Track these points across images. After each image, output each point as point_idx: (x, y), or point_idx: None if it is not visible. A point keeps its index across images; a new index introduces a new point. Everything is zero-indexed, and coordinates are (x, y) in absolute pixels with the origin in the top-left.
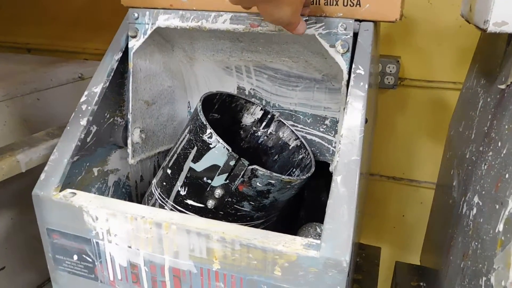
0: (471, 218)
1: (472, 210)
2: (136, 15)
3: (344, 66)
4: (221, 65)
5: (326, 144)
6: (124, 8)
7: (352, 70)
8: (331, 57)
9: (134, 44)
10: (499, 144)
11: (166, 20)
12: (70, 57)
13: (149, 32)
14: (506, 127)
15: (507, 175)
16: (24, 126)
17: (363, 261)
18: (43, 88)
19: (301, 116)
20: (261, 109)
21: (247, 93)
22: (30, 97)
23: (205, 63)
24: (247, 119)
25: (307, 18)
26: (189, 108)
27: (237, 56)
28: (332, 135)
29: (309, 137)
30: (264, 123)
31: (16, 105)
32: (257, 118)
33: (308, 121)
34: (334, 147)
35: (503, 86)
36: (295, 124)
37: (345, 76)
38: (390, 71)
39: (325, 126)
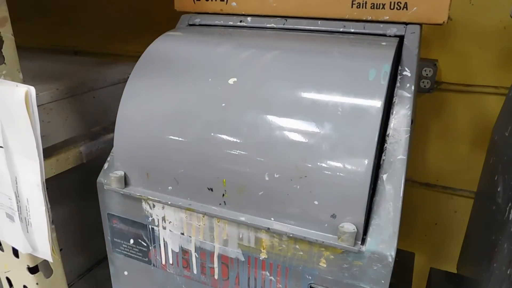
0: None
1: None
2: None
3: None
4: None
5: None
6: (161, 11)
7: (399, 71)
8: None
9: None
10: None
11: None
12: (113, 59)
13: None
14: None
15: None
16: (82, 122)
17: (397, 265)
18: (98, 87)
19: None
20: None
21: None
22: (87, 95)
23: None
24: None
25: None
26: None
27: None
28: None
29: None
30: None
31: (75, 102)
32: None
33: None
34: None
35: None
36: None
37: None
38: (427, 74)
39: None
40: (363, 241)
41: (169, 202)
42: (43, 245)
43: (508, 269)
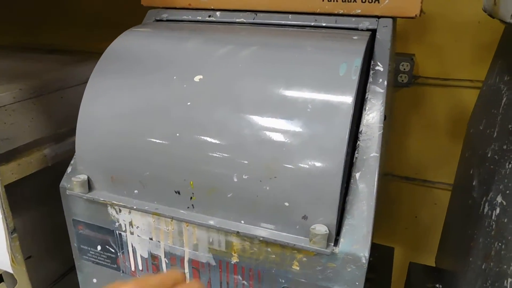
0: (494, 218)
1: (494, 210)
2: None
3: None
4: None
5: None
6: (140, 8)
7: (371, 66)
8: None
9: None
10: None
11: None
12: (89, 57)
13: None
14: None
15: None
16: (49, 123)
17: (376, 261)
18: (66, 86)
19: None
20: None
21: None
22: (54, 95)
23: None
24: None
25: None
26: None
27: None
28: None
29: None
30: None
31: (42, 103)
32: None
33: None
34: None
35: None
36: None
37: None
38: (404, 69)
39: None
40: (336, 242)
41: (135, 207)
42: (2, 255)
43: (484, 264)
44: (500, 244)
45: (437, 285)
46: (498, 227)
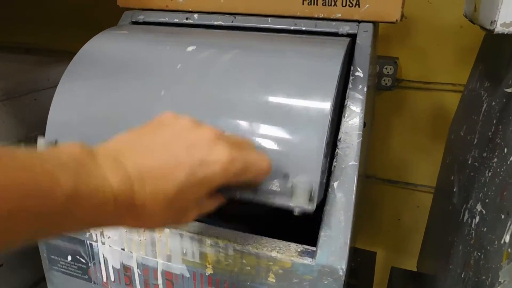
0: (473, 226)
1: (474, 218)
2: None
3: None
4: None
5: None
6: (118, 8)
7: (351, 72)
8: None
9: None
10: (505, 150)
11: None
12: (65, 57)
13: None
14: None
15: None
16: (21, 126)
17: (358, 266)
18: (39, 88)
19: None
20: None
21: None
22: (27, 97)
23: None
24: None
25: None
26: None
27: None
28: None
29: None
30: None
31: (13, 105)
32: None
33: None
34: None
35: (510, 90)
36: None
37: None
38: (388, 72)
39: None
40: (313, 255)
41: None
42: None
43: (463, 273)
44: (479, 253)
45: None
46: (477, 236)
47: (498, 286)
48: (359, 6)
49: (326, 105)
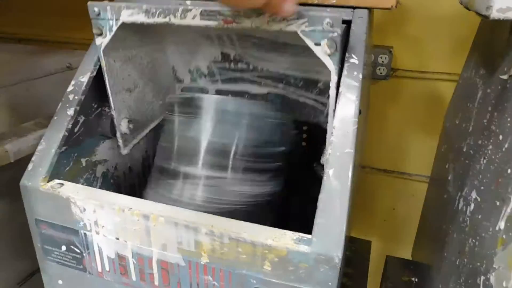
0: (468, 214)
1: (469, 206)
2: (97, 10)
3: (332, 67)
4: (201, 33)
5: (319, 107)
6: None
7: (346, 59)
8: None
9: (101, 41)
10: (500, 137)
11: (130, 15)
12: (60, 47)
13: (114, 28)
14: (509, 119)
15: (509, 170)
16: (13, 116)
17: (353, 255)
18: (31, 78)
19: (292, 80)
20: None
21: (232, 58)
22: (18, 87)
23: (184, 34)
24: None
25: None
26: (174, 72)
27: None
28: (325, 97)
29: (301, 99)
30: None
31: (4, 95)
32: None
33: (300, 84)
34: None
35: (505, 77)
36: (287, 87)
37: (334, 78)
38: (383, 61)
39: (317, 90)
40: (309, 242)
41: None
42: None
43: (458, 260)
44: (474, 240)
45: (413, 279)
46: (472, 224)
47: (492, 272)
48: None
49: None
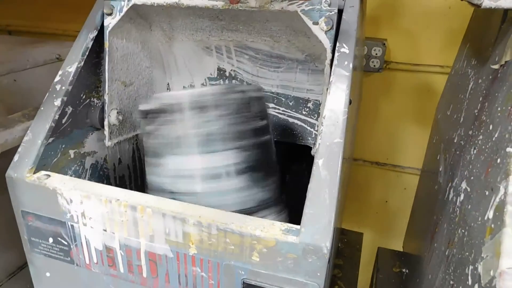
0: (458, 204)
1: (459, 196)
2: None
3: (328, 44)
4: (201, 44)
5: (308, 128)
6: None
7: (336, 48)
8: (314, 35)
9: (110, 22)
10: (491, 127)
11: None
12: (51, 38)
13: (125, 9)
14: (499, 109)
15: (498, 160)
16: (0, 107)
17: (345, 246)
18: (19, 69)
19: (283, 99)
20: None
21: (227, 74)
22: (6, 78)
23: (184, 43)
24: None
25: None
26: (168, 90)
27: (217, 35)
28: (314, 118)
29: (291, 120)
30: None
31: None
32: None
33: (290, 103)
34: (317, 131)
35: (496, 66)
36: (277, 107)
37: (329, 55)
38: (376, 54)
39: (307, 109)
40: (297, 233)
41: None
42: None
43: (447, 250)
44: (463, 230)
45: (404, 270)
46: (462, 214)
47: (480, 262)
48: None
49: None
